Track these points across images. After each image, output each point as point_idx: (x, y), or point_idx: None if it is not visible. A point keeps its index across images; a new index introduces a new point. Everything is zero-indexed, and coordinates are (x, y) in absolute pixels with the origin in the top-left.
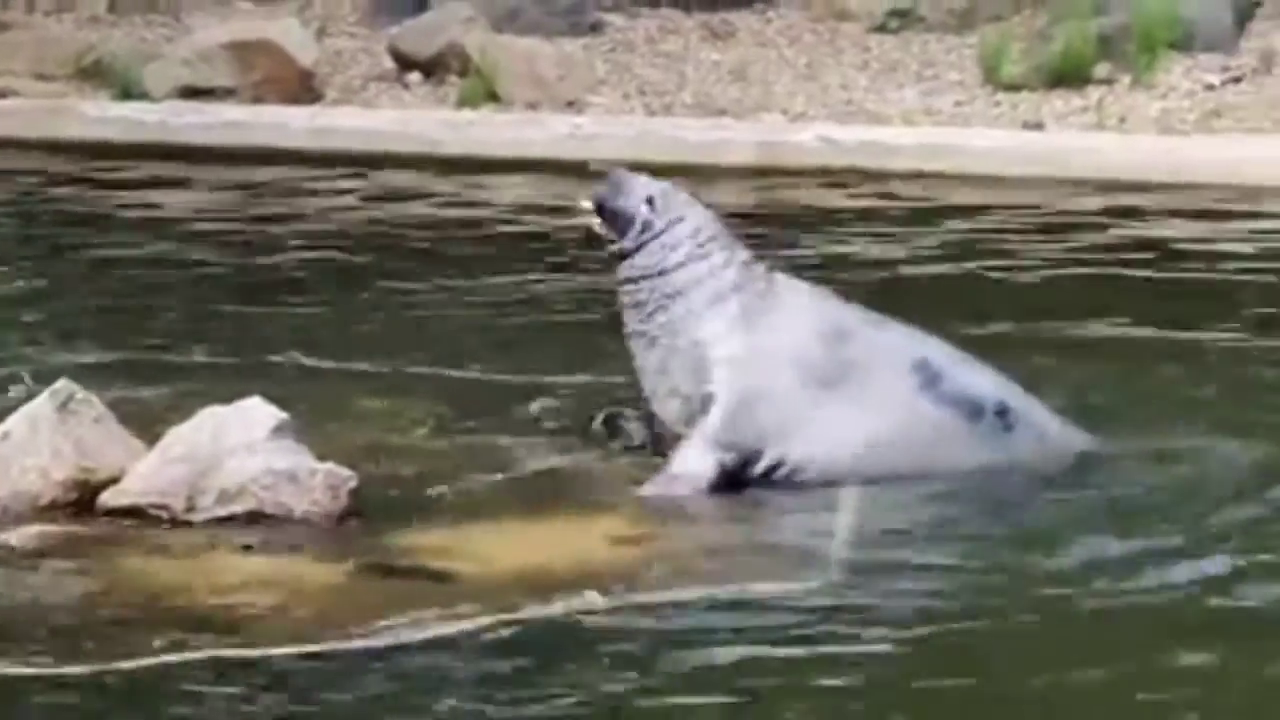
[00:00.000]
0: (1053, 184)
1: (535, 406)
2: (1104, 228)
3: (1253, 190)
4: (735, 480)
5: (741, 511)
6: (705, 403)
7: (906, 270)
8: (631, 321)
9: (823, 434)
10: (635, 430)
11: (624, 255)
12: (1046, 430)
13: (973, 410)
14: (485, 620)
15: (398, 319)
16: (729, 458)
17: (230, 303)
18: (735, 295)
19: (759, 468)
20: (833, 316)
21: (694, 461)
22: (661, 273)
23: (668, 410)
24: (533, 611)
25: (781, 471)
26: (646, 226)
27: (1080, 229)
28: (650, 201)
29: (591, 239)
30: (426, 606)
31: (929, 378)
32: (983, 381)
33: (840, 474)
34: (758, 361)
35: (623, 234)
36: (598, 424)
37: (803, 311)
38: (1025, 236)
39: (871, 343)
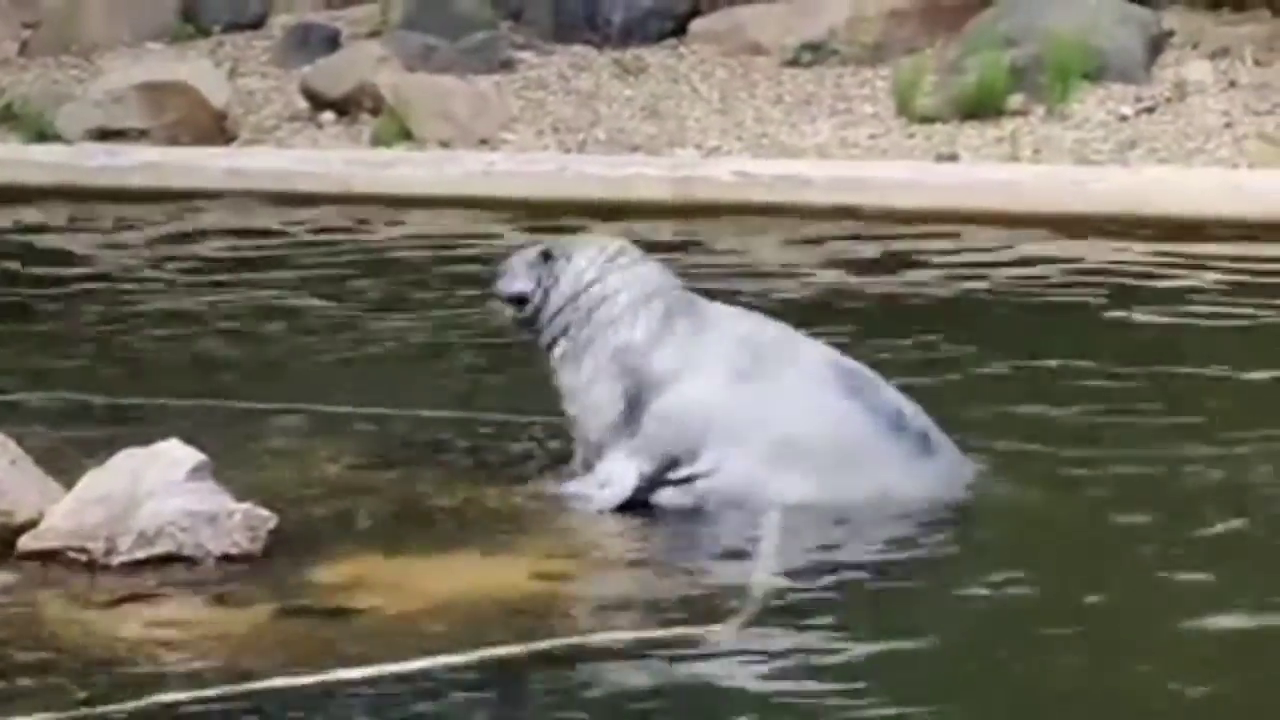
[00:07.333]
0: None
1: None
2: (1020, 257)
3: (1168, 219)
4: (654, 483)
5: (663, 540)
6: (630, 411)
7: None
8: (555, 351)
9: (747, 440)
10: None
11: (539, 309)
12: (960, 458)
13: (895, 425)
14: (405, 664)
15: (311, 358)
16: (651, 465)
17: (145, 344)
18: (657, 300)
19: (679, 473)
20: (756, 326)
21: (619, 468)
22: (574, 296)
23: (591, 425)
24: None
25: (703, 479)
26: (544, 277)
27: (996, 259)
28: (544, 255)
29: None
30: (349, 647)
31: (851, 388)
32: (910, 406)
33: (762, 480)
34: (682, 369)
35: (527, 301)
36: None
37: (726, 320)
38: (943, 266)
39: (796, 352)
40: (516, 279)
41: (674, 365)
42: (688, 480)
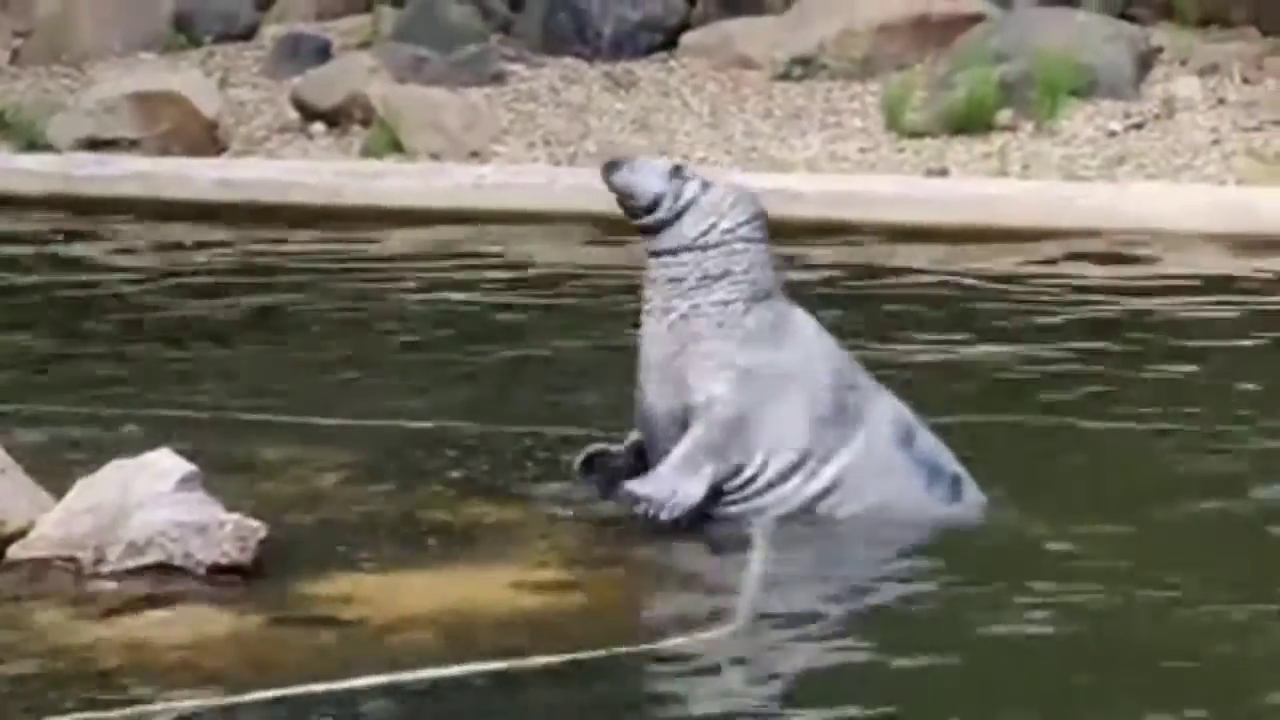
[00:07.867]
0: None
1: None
2: (1008, 273)
3: (1156, 235)
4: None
5: (655, 551)
6: (709, 404)
7: None
8: (659, 297)
9: (806, 464)
10: (620, 466)
11: (661, 226)
12: (979, 498)
13: (933, 474)
14: (393, 675)
15: (303, 369)
16: (720, 470)
17: (136, 354)
18: (769, 302)
19: (737, 481)
20: (838, 355)
21: (688, 475)
22: (704, 247)
23: (661, 397)
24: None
25: (754, 487)
26: (679, 194)
27: (984, 275)
28: (676, 170)
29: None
30: (336, 658)
31: (905, 436)
32: (942, 448)
33: (807, 507)
34: (770, 377)
35: (650, 210)
36: (578, 464)
37: (817, 342)
38: (932, 282)
39: (865, 390)
40: (640, 177)
41: (760, 373)
42: (741, 487)
